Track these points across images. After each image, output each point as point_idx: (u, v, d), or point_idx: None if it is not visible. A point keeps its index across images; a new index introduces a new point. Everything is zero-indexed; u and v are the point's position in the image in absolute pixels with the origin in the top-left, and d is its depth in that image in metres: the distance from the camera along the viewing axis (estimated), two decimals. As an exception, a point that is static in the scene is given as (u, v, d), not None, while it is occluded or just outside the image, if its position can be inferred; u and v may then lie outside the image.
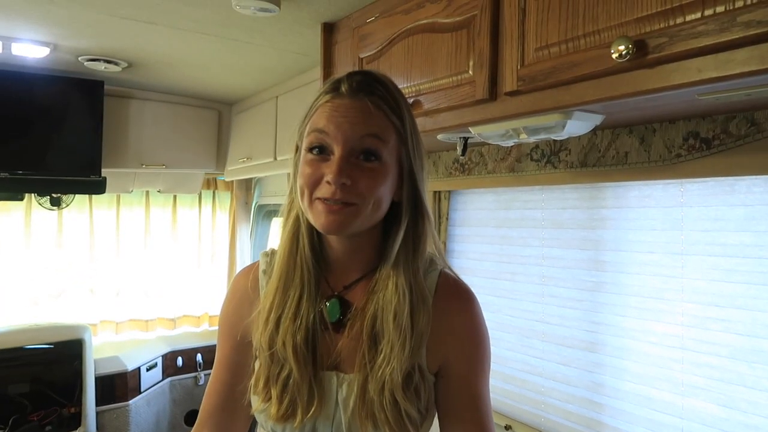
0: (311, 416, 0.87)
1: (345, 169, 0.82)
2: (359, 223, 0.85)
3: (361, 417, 0.85)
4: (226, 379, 1.00)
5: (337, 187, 0.82)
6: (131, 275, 3.56)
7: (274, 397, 0.88)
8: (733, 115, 1.18)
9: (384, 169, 0.86)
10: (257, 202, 3.72)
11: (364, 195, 0.84)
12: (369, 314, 0.88)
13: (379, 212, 0.88)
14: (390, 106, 0.88)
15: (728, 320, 1.27)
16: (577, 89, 1.07)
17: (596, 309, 1.56)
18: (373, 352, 0.86)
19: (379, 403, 0.84)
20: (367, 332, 0.87)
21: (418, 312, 0.87)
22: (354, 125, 0.84)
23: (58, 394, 2.96)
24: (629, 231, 1.49)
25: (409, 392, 0.85)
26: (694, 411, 1.33)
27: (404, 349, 0.84)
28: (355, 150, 0.84)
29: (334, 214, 0.82)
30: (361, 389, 0.86)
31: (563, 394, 1.64)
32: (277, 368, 0.89)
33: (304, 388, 0.87)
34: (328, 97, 0.88)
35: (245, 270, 1.04)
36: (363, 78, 0.89)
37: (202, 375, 3.56)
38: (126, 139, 3.03)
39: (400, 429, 0.84)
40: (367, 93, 0.86)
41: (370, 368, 0.85)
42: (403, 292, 0.87)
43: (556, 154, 1.55)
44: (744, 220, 1.25)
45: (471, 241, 1.98)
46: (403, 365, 0.84)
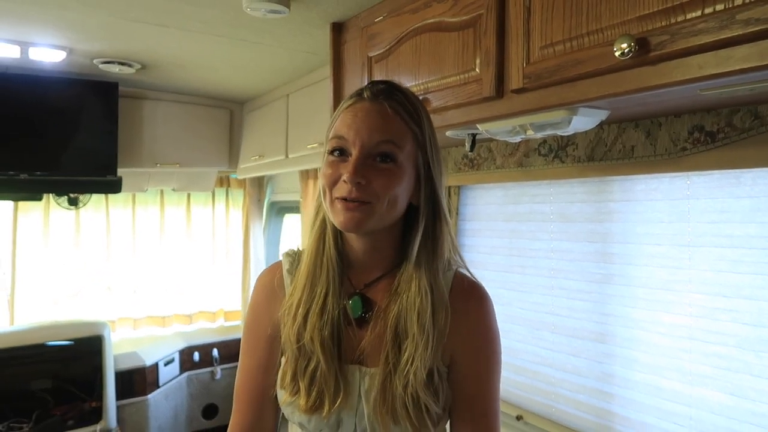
0: (338, 407, 0.90)
1: (360, 170, 0.86)
2: (375, 221, 0.89)
3: (381, 410, 0.89)
4: (258, 378, 1.03)
5: (352, 185, 0.86)
6: (148, 272, 3.63)
7: (303, 390, 0.92)
8: (737, 109, 1.20)
9: (399, 170, 0.89)
10: (269, 199, 3.77)
11: (378, 194, 0.87)
12: (393, 314, 0.92)
13: (395, 212, 0.91)
14: (408, 111, 0.92)
15: (735, 310, 1.29)
16: (581, 86, 1.10)
17: (605, 300, 1.58)
18: (396, 351, 0.90)
19: (402, 400, 0.87)
20: (391, 331, 0.91)
21: (439, 312, 0.91)
22: (371, 131, 0.88)
23: (79, 390, 3.03)
24: (637, 223, 1.51)
25: (430, 390, 0.89)
26: (703, 400, 1.35)
27: (428, 348, 0.88)
28: (372, 153, 0.88)
29: (350, 211, 0.87)
30: (382, 384, 0.89)
31: (573, 385, 1.67)
32: (305, 361, 0.93)
33: (330, 380, 0.91)
34: (350, 101, 0.93)
35: (269, 270, 1.08)
36: (385, 85, 0.94)
37: (219, 369, 3.63)
38: (140, 139, 3.08)
39: (420, 424, 0.87)
40: (386, 97, 0.91)
41: (394, 366, 0.89)
42: (425, 293, 0.90)
43: (564, 149, 1.57)
44: (750, 211, 1.27)
45: (481, 235, 2.01)
46: (427, 364, 0.88)
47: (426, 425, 0.88)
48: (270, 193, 3.78)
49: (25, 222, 3.27)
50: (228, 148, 3.40)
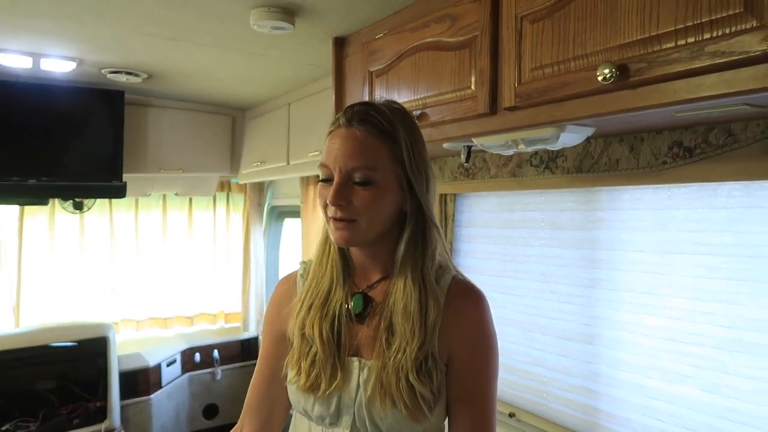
0: (334, 389, 1.00)
1: (341, 193, 0.97)
2: (361, 236, 1.00)
3: (380, 397, 0.98)
4: (267, 374, 1.14)
5: (336, 207, 0.97)
6: (150, 275, 3.70)
7: (303, 371, 1.02)
8: (712, 127, 1.29)
9: (377, 190, 0.98)
10: (270, 203, 3.86)
11: (360, 212, 0.97)
12: (386, 311, 1.02)
13: (380, 225, 1.01)
14: (383, 131, 0.99)
15: (712, 313, 1.39)
16: (568, 106, 1.19)
17: (592, 304, 1.67)
18: (389, 341, 1.00)
19: (396, 385, 0.96)
20: (384, 325, 1.01)
21: (428, 306, 0.99)
22: (346, 158, 0.97)
23: (83, 390, 3.10)
24: (622, 231, 1.60)
25: (422, 375, 0.97)
26: (682, 397, 1.44)
27: (414, 339, 0.97)
28: (351, 177, 0.98)
29: (340, 230, 0.99)
30: (379, 373, 0.99)
31: (563, 383, 1.76)
32: (307, 347, 1.04)
33: (327, 366, 1.01)
34: (332, 128, 1.02)
35: (286, 277, 1.20)
36: (360, 108, 1.02)
37: (219, 370, 3.71)
38: (145, 145, 3.17)
39: (414, 407, 0.96)
40: (359, 122, 0.99)
41: (387, 354, 0.99)
42: (410, 291, 1.00)
43: (554, 161, 1.67)
44: (725, 221, 1.36)
45: (476, 241, 2.10)
46: (414, 353, 0.97)
47: (421, 409, 0.97)
48: (270, 197, 3.86)
49: (31, 226, 3.34)
50: (230, 153, 3.49)
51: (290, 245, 3.83)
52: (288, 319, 1.10)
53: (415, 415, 0.96)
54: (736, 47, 0.90)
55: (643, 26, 1.03)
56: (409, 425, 0.98)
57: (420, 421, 0.97)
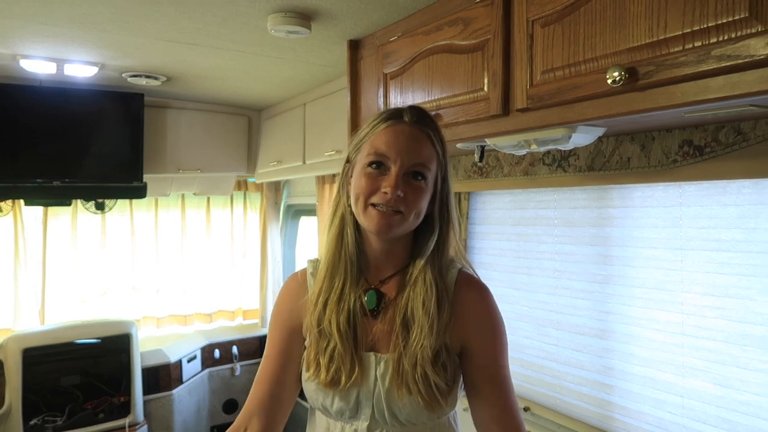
0: (353, 383, 1.04)
1: (400, 184, 1.02)
2: (403, 229, 1.05)
3: (398, 388, 1.02)
4: (276, 370, 1.15)
5: (392, 196, 1.01)
6: (170, 273, 3.77)
7: (323, 367, 1.06)
8: (722, 126, 1.32)
9: (426, 187, 1.06)
10: (286, 202, 3.92)
11: (410, 206, 1.03)
12: (401, 304, 1.06)
13: (418, 221, 1.07)
14: (437, 137, 1.08)
15: (723, 308, 1.41)
16: (579, 108, 1.22)
17: (605, 299, 1.71)
18: (405, 335, 1.04)
19: (412, 376, 1.01)
20: (400, 319, 1.05)
21: (443, 301, 1.05)
22: (411, 153, 1.04)
23: (107, 385, 3.19)
24: (634, 228, 1.63)
25: (438, 367, 1.02)
26: (694, 390, 1.47)
27: (432, 331, 1.02)
28: (408, 171, 1.04)
29: (386, 219, 1.02)
30: (396, 365, 1.03)
31: (576, 378, 1.79)
32: (325, 342, 1.07)
33: (347, 359, 1.05)
34: (390, 122, 1.07)
35: (295, 274, 1.23)
36: (421, 112, 1.09)
37: (238, 366, 3.78)
38: (164, 146, 3.24)
39: (430, 397, 1.01)
40: (423, 124, 1.07)
41: (404, 347, 1.03)
42: (430, 286, 1.05)
43: (566, 159, 1.70)
44: (736, 218, 1.39)
45: (490, 238, 2.14)
46: (432, 344, 1.02)
47: (436, 399, 1.01)
48: (286, 196, 3.92)
49: (55, 226, 3.43)
50: (246, 153, 3.55)
51: (306, 243, 3.89)
52: (299, 316, 1.14)
53: (431, 406, 1.01)
54: (741, 51, 0.93)
55: (651, 30, 1.06)
56: (424, 413, 1.03)
57: (435, 410, 1.02)
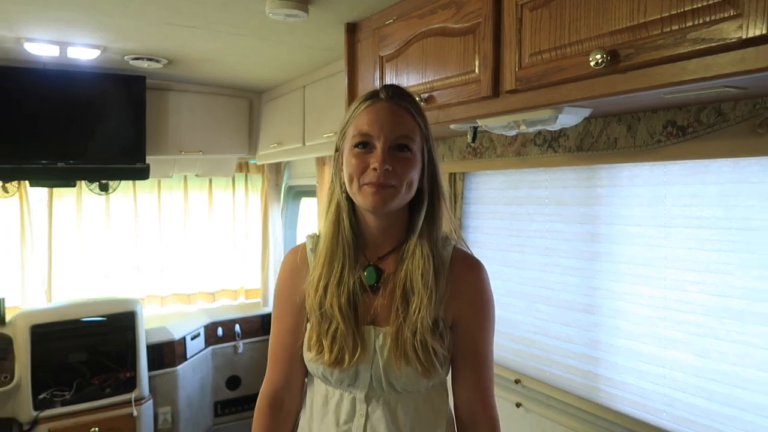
0: (356, 361, 1.10)
1: (387, 158, 1.07)
2: (397, 202, 1.09)
3: (396, 358, 1.08)
4: (290, 346, 1.22)
5: (381, 171, 1.06)
6: (173, 253, 3.84)
7: (326, 347, 1.11)
8: (704, 107, 1.36)
9: (413, 158, 1.10)
10: (287, 183, 3.97)
11: (401, 178, 1.08)
12: (401, 277, 1.12)
13: (411, 193, 1.12)
14: (415, 109, 1.13)
15: (703, 283, 1.47)
16: (564, 89, 1.27)
17: (593, 276, 1.76)
18: (405, 306, 1.10)
19: (412, 344, 1.07)
20: (400, 291, 1.11)
21: (439, 273, 1.11)
22: (392, 126, 1.09)
23: (113, 362, 3.28)
24: (621, 207, 1.68)
25: (436, 335, 1.09)
26: (675, 361, 1.54)
27: (431, 301, 1.08)
28: (393, 145, 1.08)
29: (379, 194, 1.07)
30: (395, 336, 1.09)
31: (565, 351, 1.86)
32: (327, 324, 1.13)
33: (349, 339, 1.10)
34: (368, 102, 1.12)
35: (294, 250, 1.28)
36: (396, 89, 1.14)
37: (241, 344, 3.86)
38: (166, 128, 3.29)
39: (429, 364, 1.08)
40: (401, 98, 1.12)
41: (404, 318, 1.09)
42: (427, 257, 1.11)
43: (556, 140, 1.75)
44: (717, 196, 1.44)
45: (484, 217, 2.20)
46: (431, 314, 1.08)
47: (434, 365, 1.08)
48: (287, 177, 3.97)
49: (60, 207, 3.50)
50: (247, 135, 3.59)
51: (307, 223, 3.95)
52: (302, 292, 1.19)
53: (429, 372, 1.08)
54: (714, 34, 0.98)
55: (631, 14, 1.10)
56: (421, 381, 1.10)
57: (432, 377, 1.09)
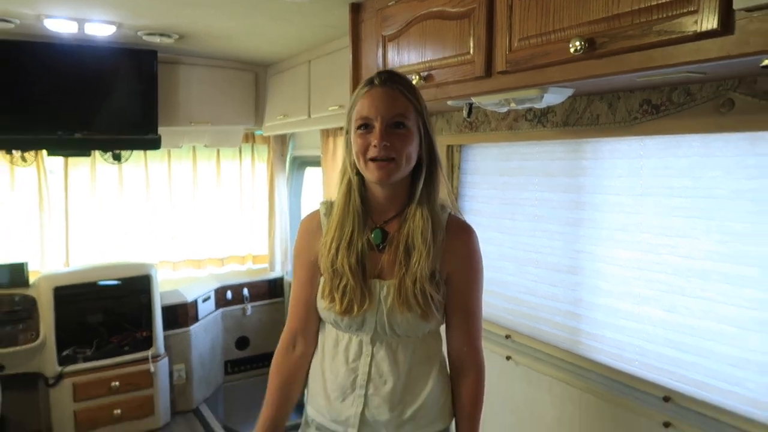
0: (364, 310, 1.28)
1: (385, 136, 1.23)
2: (399, 173, 1.26)
3: (398, 305, 1.27)
4: (307, 296, 1.42)
5: (380, 147, 1.23)
6: (184, 220, 4.01)
7: (338, 299, 1.30)
8: (675, 87, 1.51)
9: (409, 133, 1.27)
10: (292, 153, 4.12)
11: (399, 151, 1.25)
12: (403, 236, 1.30)
13: (410, 164, 1.29)
14: (408, 90, 1.29)
15: (673, 246, 1.63)
16: (548, 72, 1.41)
17: (577, 240, 1.93)
18: (407, 260, 1.28)
19: (413, 292, 1.25)
20: (402, 248, 1.29)
21: (436, 231, 1.29)
22: (387, 107, 1.25)
23: (129, 323, 3.48)
24: (603, 178, 1.83)
25: (434, 284, 1.27)
26: (647, 316, 1.71)
27: (429, 255, 1.26)
28: (389, 123, 1.25)
29: (382, 168, 1.24)
30: (398, 287, 1.27)
31: (551, 309, 2.04)
32: (338, 280, 1.31)
33: (358, 292, 1.28)
34: (366, 89, 1.29)
35: (310, 215, 1.46)
36: (388, 74, 1.31)
37: (249, 306, 4.07)
38: (176, 101, 3.43)
39: (427, 308, 1.26)
40: (392, 82, 1.29)
41: (406, 270, 1.27)
42: (426, 219, 1.28)
43: (545, 116, 1.89)
44: (686, 168, 1.59)
45: (479, 187, 2.36)
46: (429, 266, 1.26)
47: (431, 309, 1.27)
48: (292, 148, 4.12)
49: (75, 176, 3.66)
50: (254, 107, 3.73)
51: (311, 192, 4.11)
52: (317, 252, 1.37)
53: (427, 315, 1.26)
54: (675, 27, 1.12)
55: (607, 6, 1.24)
56: (419, 325, 1.28)
57: (430, 320, 1.28)
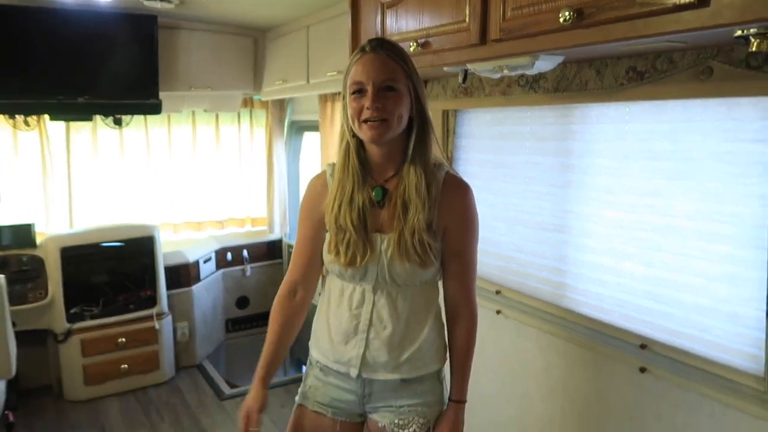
0: (366, 262, 1.40)
1: (377, 98, 1.33)
2: (391, 133, 1.36)
3: (398, 256, 1.38)
4: (309, 250, 1.54)
5: (372, 109, 1.32)
6: (184, 184, 4.10)
7: (342, 252, 1.41)
8: (659, 55, 1.60)
9: (400, 95, 1.36)
10: (290, 118, 4.19)
11: (391, 112, 1.34)
12: (400, 192, 1.40)
13: (401, 125, 1.39)
14: (398, 55, 1.39)
15: (653, 206, 1.74)
16: (539, 40, 1.50)
17: (565, 201, 2.04)
18: (404, 214, 1.39)
19: (411, 243, 1.37)
20: (400, 203, 1.39)
21: (431, 186, 1.39)
22: (377, 72, 1.35)
23: (132, 283, 3.60)
24: (591, 142, 1.94)
25: (430, 233, 1.38)
26: (627, 271, 1.83)
27: (425, 207, 1.37)
28: (381, 87, 1.35)
29: (375, 129, 1.34)
30: (397, 239, 1.38)
31: (539, 266, 2.17)
32: (342, 234, 1.42)
33: (360, 245, 1.40)
34: (358, 56, 1.39)
35: (317, 176, 1.57)
36: (378, 41, 1.40)
37: (248, 267, 4.20)
38: (176, 66, 3.48)
39: (425, 256, 1.37)
40: (382, 48, 1.38)
41: (404, 224, 1.38)
42: (420, 175, 1.39)
43: (537, 82, 1.98)
44: (668, 132, 1.69)
45: (473, 150, 2.45)
46: (426, 217, 1.37)
47: (429, 257, 1.38)
48: (290, 113, 4.18)
49: (77, 140, 3.72)
50: (252, 72, 3.78)
51: (309, 156, 4.20)
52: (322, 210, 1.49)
53: (425, 263, 1.38)
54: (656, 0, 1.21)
55: (595, -21, 1.32)
56: (417, 274, 1.40)
57: (427, 269, 1.39)
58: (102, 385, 3.43)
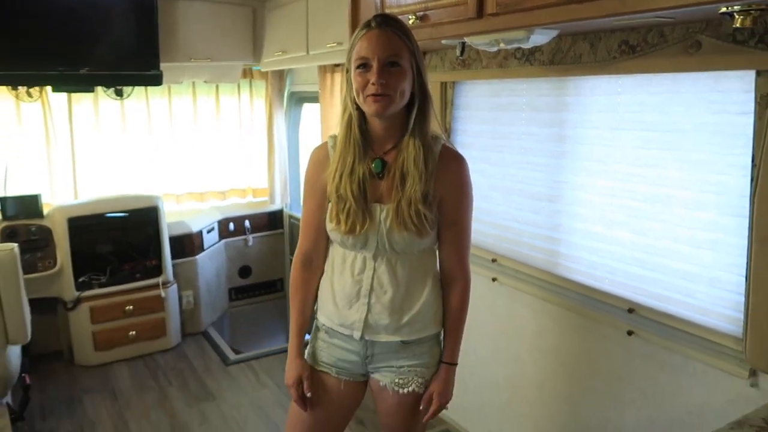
0: (365, 230, 1.46)
1: (382, 74, 1.38)
2: (393, 107, 1.42)
3: (396, 225, 1.45)
4: (316, 221, 1.60)
5: (377, 84, 1.38)
6: (185, 155, 4.13)
7: (343, 221, 1.48)
8: (650, 29, 1.64)
9: (403, 71, 1.41)
10: (290, 89, 4.21)
11: (394, 88, 1.39)
12: (399, 164, 1.46)
13: (404, 99, 1.44)
14: (402, 32, 1.43)
15: (643, 175, 1.81)
16: (535, 14, 1.54)
17: (559, 171, 2.11)
18: (402, 185, 1.45)
19: (408, 213, 1.43)
20: (399, 175, 1.46)
21: (428, 159, 1.45)
22: (382, 48, 1.39)
23: (137, 253, 3.68)
24: (584, 113, 1.99)
25: (427, 204, 1.45)
26: (617, 238, 1.91)
27: (422, 179, 1.43)
28: (385, 63, 1.39)
29: (378, 102, 1.39)
30: (395, 209, 1.44)
31: (533, 234, 2.24)
32: (342, 204, 1.48)
33: (359, 214, 1.46)
34: (364, 31, 1.42)
35: (319, 147, 1.63)
36: (383, 17, 1.45)
37: (251, 237, 4.27)
38: (176, 37, 3.49)
39: (421, 226, 1.44)
40: (387, 25, 1.42)
41: (402, 194, 1.44)
42: (419, 148, 1.45)
43: (533, 54, 2.03)
44: (658, 104, 1.75)
45: (470, 121, 2.51)
46: (422, 188, 1.43)
47: (425, 227, 1.45)
48: (290, 84, 4.21)
49: (79, 111, 3.75)
50: (252, 43, 3.79)
51: (309, 127, 4.24)
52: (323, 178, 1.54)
53: (421, 233, 1.45)
54: (646, -23, 1.25)
55: (588, -45, 1.37)
56: (415, 242, 1.47)
57: (424, 236, 1.46)
58: (111, 351, 3.53)
